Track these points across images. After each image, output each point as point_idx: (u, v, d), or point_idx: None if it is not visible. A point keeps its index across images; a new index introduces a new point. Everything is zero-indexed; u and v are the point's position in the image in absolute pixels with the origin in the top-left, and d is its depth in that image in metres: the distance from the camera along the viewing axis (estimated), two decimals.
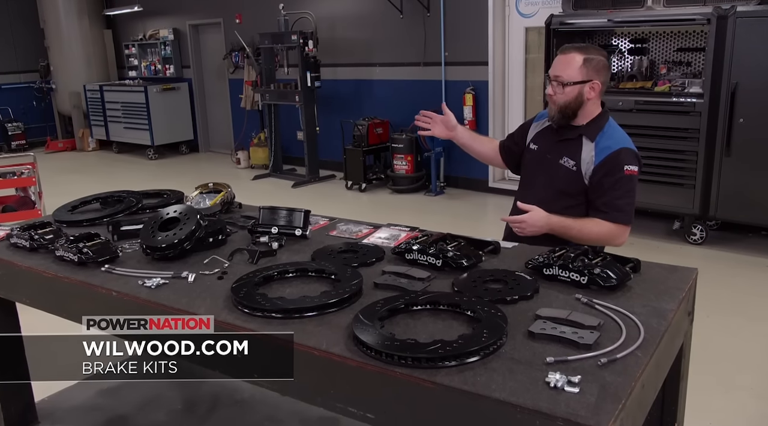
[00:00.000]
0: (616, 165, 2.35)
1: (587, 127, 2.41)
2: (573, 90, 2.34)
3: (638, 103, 5.64)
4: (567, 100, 2.36)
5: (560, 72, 2.36)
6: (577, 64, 2.34)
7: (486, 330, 1.49)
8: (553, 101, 2.40)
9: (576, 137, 2.42)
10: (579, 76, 2.33)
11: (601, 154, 2.36)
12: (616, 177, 2.34)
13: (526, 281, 1.83)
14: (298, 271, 1.95)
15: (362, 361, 1.45)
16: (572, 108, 2.38)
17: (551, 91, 2.39)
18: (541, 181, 2.50)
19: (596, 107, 2.42)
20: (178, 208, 2.28)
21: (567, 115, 2.40)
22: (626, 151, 2.39)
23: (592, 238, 2.34)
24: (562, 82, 2.34)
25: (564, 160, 2.43)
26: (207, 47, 10.96)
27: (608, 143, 2.37)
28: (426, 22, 7.83)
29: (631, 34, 6.28)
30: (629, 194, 2.40)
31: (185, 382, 3.03)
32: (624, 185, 2.37)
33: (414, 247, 2.02)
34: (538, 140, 2.58)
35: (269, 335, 1.59)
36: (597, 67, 2.36)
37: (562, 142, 2.46)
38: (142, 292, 1.90)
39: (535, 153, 2.57)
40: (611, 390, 1.29)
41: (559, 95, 2.37)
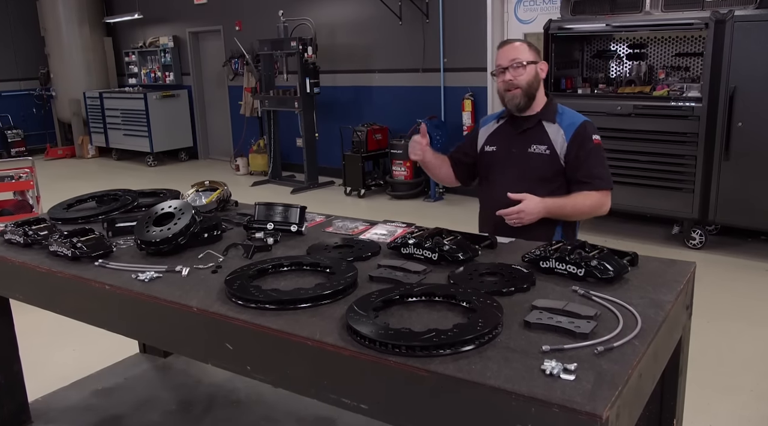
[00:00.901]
0: (585, 137, 2.50)
1: (543, 113, 2.55)
2: (532, 69, 2.49)
3: (637, 107, 5.64)
4: (529, 79, 2.49)
5: (516, 55, 2.49)
6: (526, 48, 2.52)
7: (481, 319, 1.48)
8: (515, 85, 2.48)
9: (536, 124, 2.54)
10: (531, 56, 2.51)
11: (569, 131, 2.50)
12: (588, 148, 2.49)
13: (523, 274, 1.82)
14: (292, 264, 1.94)
15: (356, 351, 1.43)
16: (534, 87, 2.51)
17: (511, 76, 2.48)
18: (512, 175, 2.56)
19: (543, 93, 2.58)
20: (173, 203, 2.26)
21: (530, 97, 2.51)
22: (588, 123, 2.56)
23: (585, 209, 2.48)
24: (522, 63, 2.47)
25: (533, 148, 2.53)
26: (207, 54, 10.99)
27: (571, 120, 2.53)
28: (425, 29, 7.86)
29: (630, 39, 6.30)
30: (603, 161, 2.55)
31: (181, 383, 3.01)
32: (596, 154, 2.51)
33: (410, 241, 2.00)
34: (494, 141, 2.66)
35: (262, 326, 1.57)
36: (537, 52, 2.56)
37: (523, 133, 2.56)
38: (135, 286, 1.88)
39: (495, 153, 2.64)
40: (608, 377, 1.27)
41: (521, 77, 2.47)
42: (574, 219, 2.53)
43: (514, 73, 2.47)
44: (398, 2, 7.92)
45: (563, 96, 6.14)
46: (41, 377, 3.19)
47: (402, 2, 7.91)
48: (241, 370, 1.67)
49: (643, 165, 5.66)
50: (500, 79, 2.52)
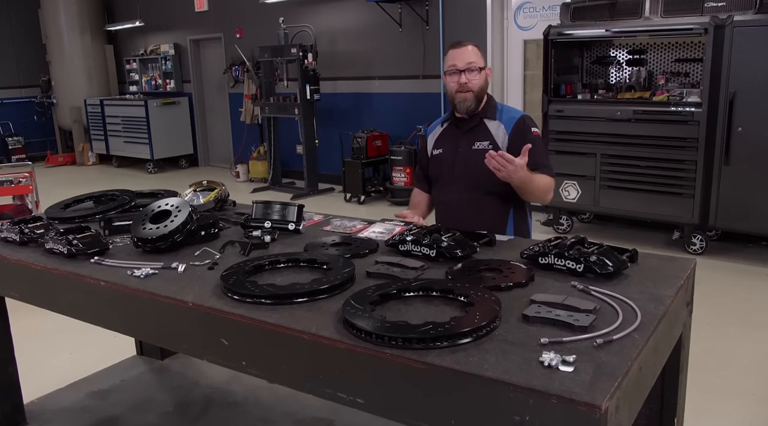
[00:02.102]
0: (524, 130, 2.57)
1: (484, 111, 2.63)
2: (483, 74, 2.58)
3: (636, 112, 5.64)
4: (481, 84, 2.58)
5: (473, 59, 2.55)
6: (479, 52, 2.59)
7: (479, 313, 1.46)
8: (469, 89, 2.55)
9: (478, 122, 2.62)
10: (483, 62, 2.59)
11: (509, 124, 2.59)
12: (530, 139, 2.51)
13: (521, 270, 1.80)
14: (289, 261, 1.92)
15: (352, 344, 1.41)
16: (484, 91, 2.61)
17: (466, 79, 2.53)
18: (461, 172, 2.62)
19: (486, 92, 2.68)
20: (170, 201, 2.25)
21: (480, 100, 2.60)
22: (527, 117, 2.65)
23: (541, 189, 2.51)
24: (479, 67, 2.55)
25: (477, 145, 2.60)
26: (207, 62, 11.01)
27: (509, 115, 2.63)
28: (425, 35, 7.87)
29: (629, 45, 6.31)
30: (544, 151, 2.65)
31: (178, 384, 2.99)
32: (538, 145, 2.54)
33: (408, 238, 1.99)
34: (441, 144, 2.74)
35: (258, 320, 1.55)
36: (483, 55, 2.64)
37: (467, 132, 2.65)
38: (130, 282, 1.86)
39: (442, 155, 2.71)
40: (607, 369, 1.25)
41: (474, 81, 2.54)
42: (529, 197, 2.55)
43: (469, 77, 2.54)
44: (398, 9, 7.95)
45: (563, 101, 6.15)
46: (38, 380, 3.17)
47: (402, 9, 7.93)
48: (237, 366, 1.65)
49: (643, 170, 5.65)
50: (454, 79, 2.56)
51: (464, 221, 2.38)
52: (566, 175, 6.15)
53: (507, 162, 2.28)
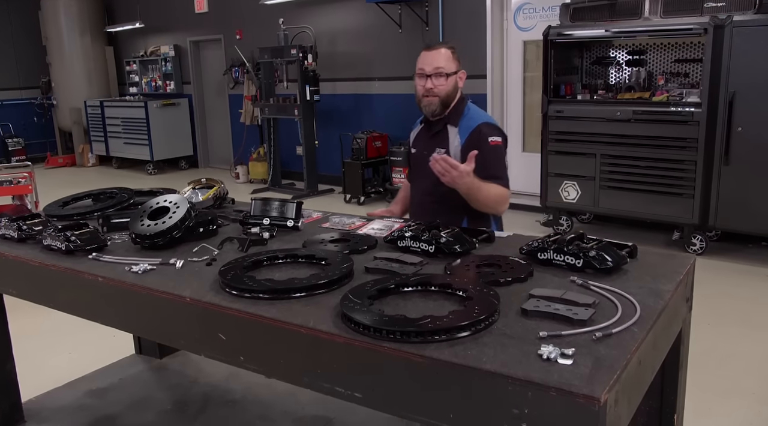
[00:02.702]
0: (480, 139, 2.49)
1: (450, 116, 2.58)
2: (452, 79, 2.53)
3: (636, 112, 5.64)
4: (448, 91, 2.52)
5: (441, 64, 2.50)
6: (450, 56, 2.53)
7: (477, 307, 1.45)
8: (435, 94, 2.52)
9: (442, 127, 2.59)
10: (454, 67, 2.54)
11: (464, 135, 2.53)
12: (485, 150, 2.44)
13: (520, 265, 1.80)
14: (288, 256, 1.92)
15: (350, 338, 1.41)
16: (452, 97, 2.55)
17: (432, 84, 2.50)
18: (424, 175, 2.57)
19: (458, 97, 2.60)
20: (169, 197, 2.24)
21: (446, 105, 2.56)
22: (485, 125, 2.54)
23: (492, 199, 2.46)
24: (446, 73, 2.50)
25: (437, 151, 2.54)
26: (207, 63, 11.02)
27: (468, 123, 2.55)
28: (425, 36, 7.86)
29: (629, 45, 6.31)
30: (501, 162, 2.54)
31: (176, 383, 2.98)
32: (493, 155, 2.49)
33: (407, 234, 1.98)
34: (416, 143, 2.76)
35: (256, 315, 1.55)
36: (458, 58, 2.58)
37: (433, 136, 2.63)
38: (128, 278, 1.86)
39: (415, 155, 2.74)
40: (606, 362, 1.24)
41: (441, 87, 2.51)
42: (478, 206, 2.47)
43: (436, 82, 2.51)
44: (398, 10, 7.95)
45: (563, 102, 6.14)
46: (36, 379, 3.16)
47: (402, 10, 7.94)
48: (234, 361, 1.64)
49: (642, 171, 5.65)
50: (421, 83, 2.54)
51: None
52: (566, 176, 6.15)
53: (451, 167, 2.26)
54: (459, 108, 2.59)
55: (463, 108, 2.60)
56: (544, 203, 6.43)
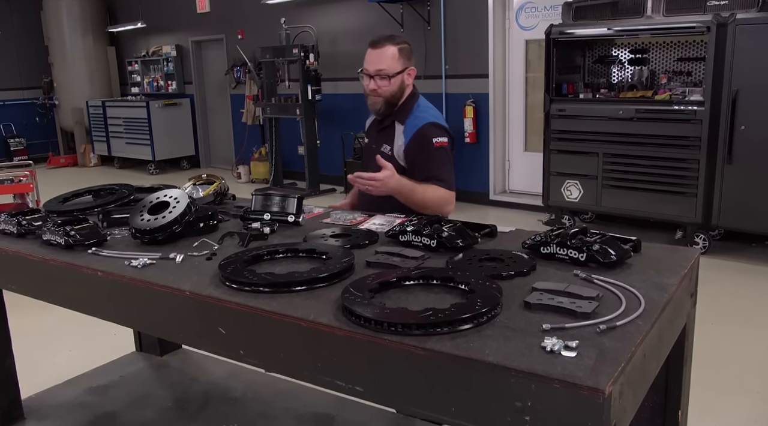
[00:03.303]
0: (424, 140, 2.45)
1: (398, 113, 2.53)
2: (397, 80, 2.46)
3: (639, 111, 5.62)
4: (392, 91, 2.48)
5: (383, 65, 2.44)
6: (395, 55, 2.45)
7: (480, 299, 1.44)
8: (379, 94, 2.48)
9: (390, 123, 2.56)
10: (399, 66, 2.46)
11: (408, 135, 2.49)
12: (428, 152, 2.44)
13: (523, 259, 1.78)
14: (288, 251, 1.90)
15: (350, 331, 1.39)
16: (397, 97, 2.50)
17: (375, 85, 2.47)
18: (373, 168, 2.49)
19: (409, 93, 2.55)
20: (169, 192, 2.23)
21: (393, 105, 2.52)
22: (430, 125, 2.48)
23: (433, 201, 2.42)
24: (388, 75, 2.44)
25: (383, 147, 2.56)
26: (209, 63, 11.02)
27: (414, 122, 2.49)
28: (426, 36, 7.86)
29: (631, 44, 6.29)
30: (445, 163, 2.49)
31: (177, 380, 2.97)
32: (437, 157, 2.46)
33: (408, 228, 1.97)
34: (369, 134, 2.78)
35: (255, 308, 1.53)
36: (408, 54, 2.51)
37: (382, 130, 2.61)
38: (127, 272, 1.84)
39: (367, 145, 2.77)
40: (610, 354, 1.22)
41: (384, 88, 2.46)
42: (417, 208, 2.40)
43: (379, 83, 2.46)
44: (400, 9, 7.94)
45: (565, 101, 6.13)
46: (37, 377, 3.15)
47: (404, 9, 7.93)
48: (235, 355, 1.63)
49: (645, 169, 5.63)
50: (365, 82, 2.51)
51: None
52: (568, 175, 6.14)
53: (369, 180, 2.28)
54: (409, 105, 2.54)
55: (412, 105, 2.54)
56: (547, 202, 6.42)
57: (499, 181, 7.80)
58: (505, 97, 7.67)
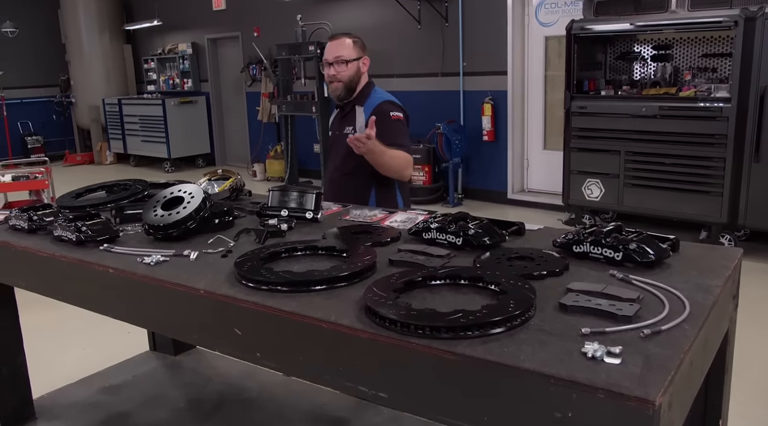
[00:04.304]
0: (382, 116, 2.67)
1: (358, 98, 2.85)
2: (353, 65, 2.78)
3: (662, 108, 5.49)
4: (350, 75, 2.79)
5: (341, 52, 2.77)
6: (351, 45, 2.79)
7: (512, 301, 1.35)
8: (339, 79, 2.79)
9: (351, 109, 2.87)
10: (355, 54, 2.79)
11: (368, 113, 2.74)
12: (387, 124, 2.68)
13: (555, 258, 1.68)
14: (307, 248, 1.82)
15: (374, 333, 1.31)
16: (354, 81, 2.81)
17: (334, 71, 2.78)
18: (338, 154, 2.90)
19: (365, 81, 2.86)
20: (183, 187, 2.16)
21: (351, 89, 2.82)
22: (386, 102, 2.80)
23: (396, 163, 2.70)
24: (346, 60, 2.76)
25: (346, 129, 2.84)
26: (225, 61, 10.98)
27: (372, 102, 2.80)
28: (444, 32, 7.76)
29: (654, 40, 6.15)
30: (402, 133, 2.77)
31: (190, 381, 2.90)
32: (393, 128, 2.72)
33: (432, 225, 1.88)
34: (333, 126, 3.06)
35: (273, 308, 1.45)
36: (362, 47, 2.83)
37: (344, 117, 2.92)
38: (140, 269, 1.77)
39: (332, 136, 3.04)
40: (658, 361, 1.13)
41: (343, 73, 2.78)
42: (385, 170, 2.70)
43: (338, 69, 2.77)
44: (417, 6, 7.84)
45: (586, 98, 6.01)
46: (49, 376, 3.10)
47: (421, 6, 7.83)
48: (251, 358, 1.55)
49: (669, 168, 5.50)
50: (325, 71, 2.82)
51: (331, 199, 2.63)
52: (589, 173, 6.02)
53: (357, 139, 2.51)
54: (366, 91, 2.85)
55: (369, 91, 2.86)
56: (567, 201, 6.30)
57: (517, 179, 7.68)
58: (524, 94, 7.55)
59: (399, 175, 2.76)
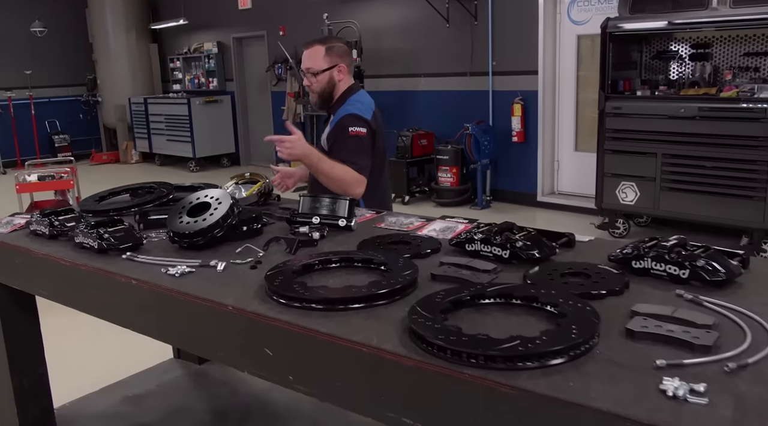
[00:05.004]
0: (341, 130, 2.66)
1: (333, 106, 2.77)
2: (324, 76, 2.70)
3: (702, 109, 5.28)
4: (322, 87, 2.72)
5: (310, 64, 2.70)
6: (321, 54, 2.69)
7: (574, 326, 1.21)
8: (312, 90, 2.75)
9: (328, 117, 2.83)
10: (326, 64, 2.68)
11: (332, 124, 2.73)
12: (344, 139, 2.65)
13: (613, 275, 1.54)
14: (342, 260, 1.69)
15: (421, 360, 1.18)
16: (328, 91, 2.74)
17: (308, 82, 2.73)
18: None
19: (346, 86, 2.77)
20: (210, 192, 2.05)
21: (326, 99, 2.76)
22: (348, 116, 2.68)
23: (340, 176, 2.57)
24: (314, 73, 2.69)
25: (321, 139, 2.87)
26: (250, 60, 10.93)
27: (339, 114, 2.70)
28: (473, 31, 7.61)
29: (693, 38, 5.93)
30: (358, 151, 2.65)
31: (215, 392, 2.80)
32: (350, 144, 2.63)
33: (476, 236, 1.74)
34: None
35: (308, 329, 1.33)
36: (339, 53, 2.73)
37: (324, 122, 2.89)
38: (164, 281, 1.66)
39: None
40: (751, 402, 0.99)
41: (314, 85, 2.72)
42: (327, 182, 2.59)
43: (310, 80, 2.72)
44: (446, 4, 7.69)
45: (621, 98, 5.81)
46: (70, 382, 3.02)
47: (450, 4, 7.68)
48: (283, 381, 1.43)
49: (708, 171, 5.29)
50: (303, 80, 2.78)
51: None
52: (624, 176, 5.82)
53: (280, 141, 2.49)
54: (343, 98, 2.75)
55: (347, 98, 2.75)
56: (600, 205, 6.10)
57: (547, 181, 7.49)
58: (554, 94, 7.36)
59: (343, 191, 2.55)
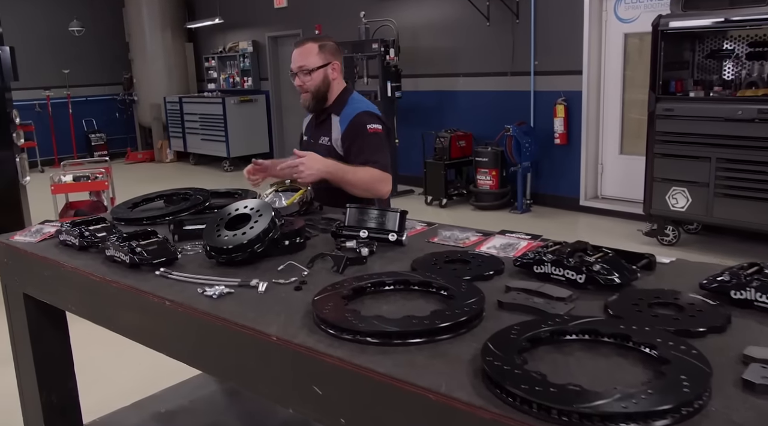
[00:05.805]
0: (359, 127, 2.57)
1: (333, 105, 2.69)
2: (318, 74, 2.62)
3: (762, 111, 4.98)
4: (316, 85, 2.63)
5: (302, 62, 2.61)
6: (314, 51, 2.62)
7: (682, 376, 1.02)
8: (305, 90, 2.65)
9: (327, 117, 2.71)
10: (320, 61, 2.61)
11: (344, 124, 2.62)
12: (362, 137, 2.56)
13: (709, 307, 1.34)
14: (397, 282, 1.52)
15: (501, 414, 1.00)
16: (323, 90, 2.66)
17: (300, 81, 2.63)
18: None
19: (340, 86, 2.71)
20: (250, 203, 1.90)
21: (320, 99, 2.67)
22: (364, 113, 2.61)
23: (365, 181, 2.49)
24: (308, 70, 2.60)
25: (321, 139, 2.72)
26: (285, 59, 10.82)
27: (349, 112, 2.62)
28: (514, 30, 7.37)
29: (750, 36, 5.63)
30: (379, 147, 2.57)
31: (250, 410, 2.65)
32: (371, 142, 2.56)
33: (546, 257, 1.55)
34: (308, 131, 2.90)
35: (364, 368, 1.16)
36: (331, 50, 2.66)
37: (319, 124, 2.77)
38: (201, 303, 1.51)
39: (306, 142, 2.88)
40: None
41: (308, 83, 2.62)
42: (354, 190, 2.49)
43: (303, 79, 2.62)
44: (486, 2, 7.48)
45: (673, 100, 5.54)
46: (101, 393, 2.91)
47: (490, 2, 7.46)
48: (333, 423, 1.26)
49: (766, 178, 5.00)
50: (294, 80, 2.68)
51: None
52: (674, 181, 5.55)
53: (292, 167, 2.36)
54: (343, 98, 2.70)
55: (347, 98, 2.70)
56: (648, 211, 5.83)
57: (590, 185, 7.23)
58: (599, 95, 7.09)
59: (372, 193, 2.53)
